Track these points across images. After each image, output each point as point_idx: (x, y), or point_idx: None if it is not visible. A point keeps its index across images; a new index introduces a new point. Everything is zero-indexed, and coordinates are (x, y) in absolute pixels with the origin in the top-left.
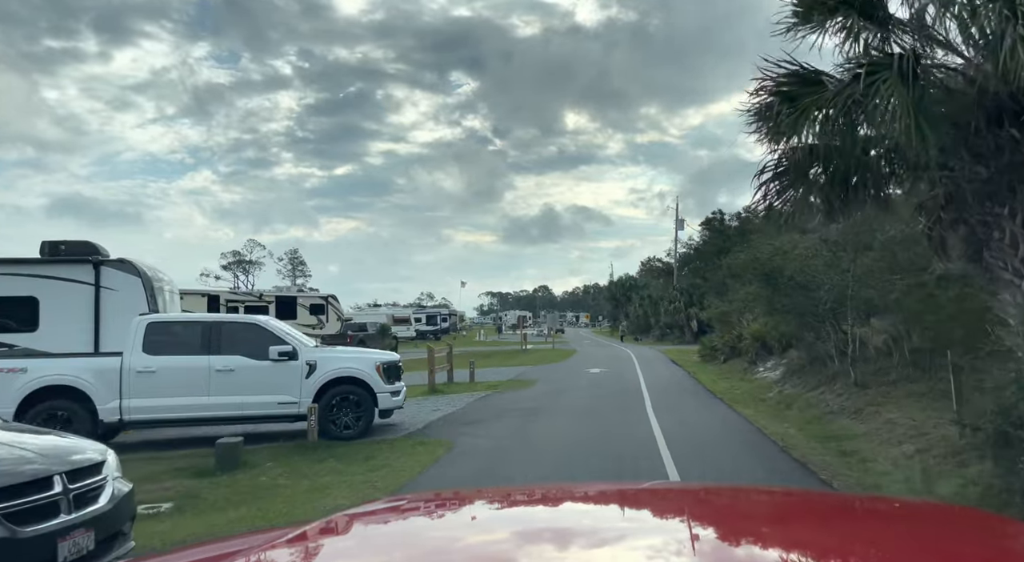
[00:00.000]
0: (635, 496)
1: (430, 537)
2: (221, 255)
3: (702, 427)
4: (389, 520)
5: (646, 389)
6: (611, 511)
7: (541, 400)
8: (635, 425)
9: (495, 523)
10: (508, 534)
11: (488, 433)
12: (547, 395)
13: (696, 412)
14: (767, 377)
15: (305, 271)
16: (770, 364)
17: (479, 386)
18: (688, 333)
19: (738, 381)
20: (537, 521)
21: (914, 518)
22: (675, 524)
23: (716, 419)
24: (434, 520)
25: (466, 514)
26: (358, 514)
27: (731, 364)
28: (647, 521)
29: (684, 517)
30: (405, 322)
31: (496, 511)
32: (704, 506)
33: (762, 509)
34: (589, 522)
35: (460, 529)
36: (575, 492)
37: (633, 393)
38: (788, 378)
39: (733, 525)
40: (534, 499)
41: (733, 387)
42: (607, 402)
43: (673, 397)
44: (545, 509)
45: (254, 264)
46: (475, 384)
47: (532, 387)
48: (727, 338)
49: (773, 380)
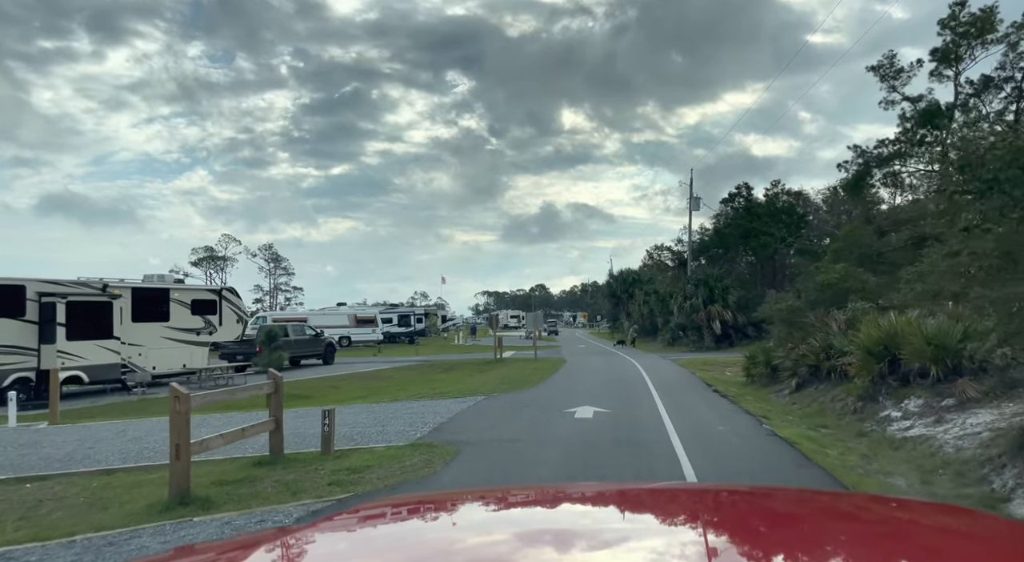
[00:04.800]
0: (638, 496)
1: (429, 538)
2: (192, 250)
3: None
4: (387, 521)
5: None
6: (613, 512)
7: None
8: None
9: (495, 524)
10: (508, 535)
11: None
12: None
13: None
14: (947, 440)
15: (289, 269)
16: (947, 405)
17: (319, 475)
18: (708, 337)
19: (889, 450)
20: (537, 522)
21: (934, 520)
22: (680, 525)
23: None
24: (433, 521)
25: (466, 515)
26: (355, 515)
27: (812, 397)
28: (650, 522)
29: (690, 518)
30: (369, 323)
31: (496, 512)
32: (711, 507)
33: (773, 510)
34: (590, 523)
35: (460, 530)
36: (576, 493)
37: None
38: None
39: (741, 527)
40: (534, 500)
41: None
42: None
43: None
44: (545, 510)
45: (228, 260)
46: (317, 463)
47: (437, 473)
48: (804, 351)
49: (979, 455)
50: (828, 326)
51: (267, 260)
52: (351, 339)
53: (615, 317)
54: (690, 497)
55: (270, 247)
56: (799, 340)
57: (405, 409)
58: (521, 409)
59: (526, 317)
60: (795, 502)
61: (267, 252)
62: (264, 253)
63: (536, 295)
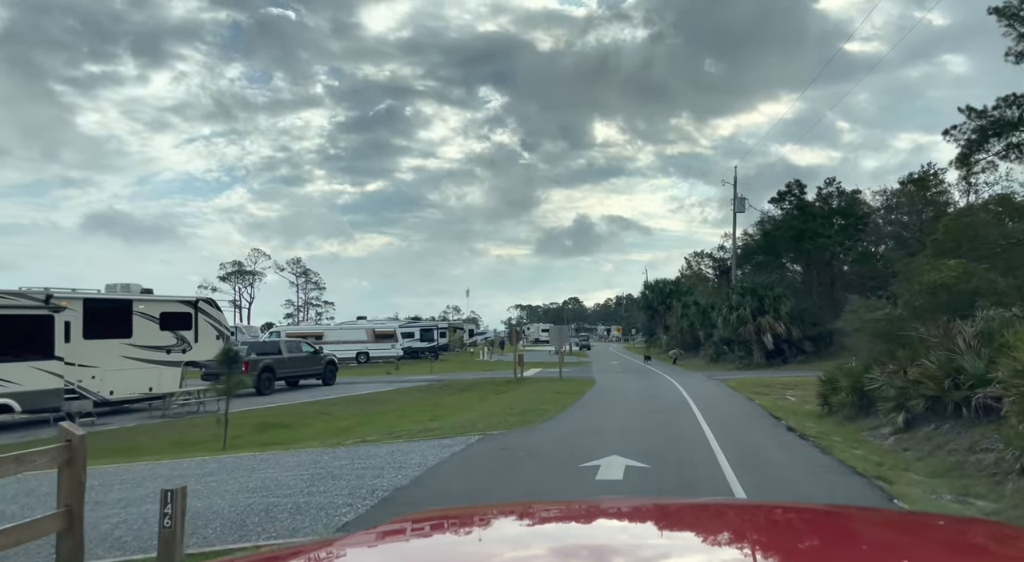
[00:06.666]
0: (678, 512)
1: (463, 552)
2: (220, 265)
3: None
4: (422, 534)
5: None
6: (651, 528)
7: None
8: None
9: (530, 539)
10: (544, 550)
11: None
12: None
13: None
14: None
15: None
16: None
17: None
18: (758, 352)
19: None
20: (573, 537)
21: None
22: (725, 544)
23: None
24: (467, 535)
25: (500, 529)
26: (390, 528)
27: (931, 440)
28: (691, 540)
29: (736, 537)
30: (388, 338)
31: (531, 527)
32: (761, 526)
33: (833, 531)
34: (628, 539)
35: (495, 544)
36: (612, 508)
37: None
38: None
39: (795, 548)
40: (570, 514)
41: None
42: None
43: None
44: (581, 525)
45: (256, 275)
46: None
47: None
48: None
49: None
50: (951, 341)
51: (296, 274)
52: (369, 355)
53: (651, 331)
54: (738, 514)
55: (298, 261)
56: (905, 360)
57: (366, 457)
58: (523, 461)
59: (550, 331)
60: (859, 522)
61: (295, 266)
62: (292, 267)
63: (569, 308)
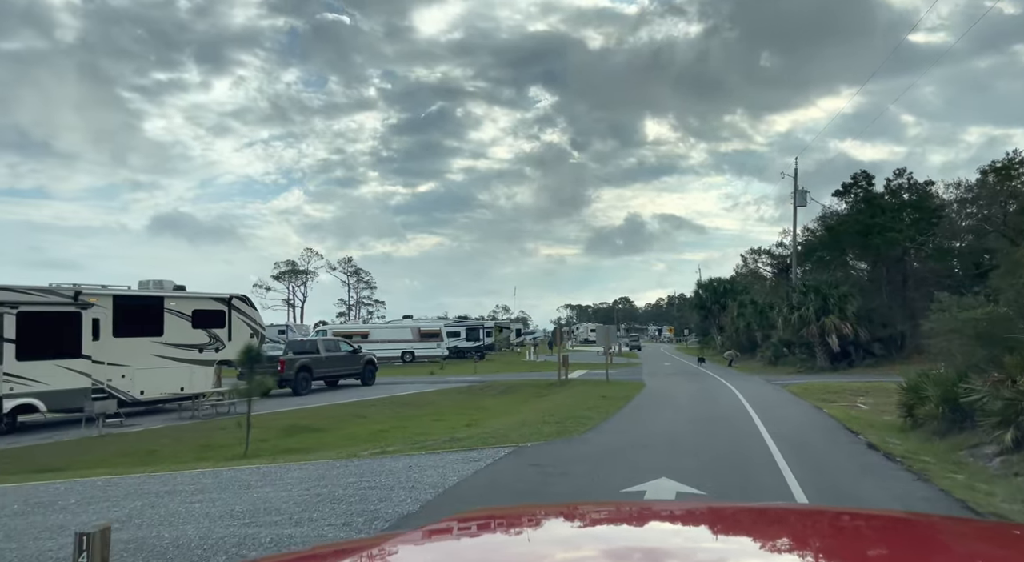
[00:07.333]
0: (735, 516)
1: (515, 552)
2: (274, 265)
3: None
4: (472, 534)
5: None
6: (705, 531)
7: None
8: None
9: (582, 540)
10: (595, 552)
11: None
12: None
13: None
14: None
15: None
16: None
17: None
18: (821, 355)
19: None
20: (624, 539)
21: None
22: (786, 551)
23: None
24: (517, 535)
25: (552, 530)
26: (435, 528)
27: None
28: (748, 545)
29: (798, 543)
30: (434, 337)
31: (583, 528)
32: (826, 533)
33: (896, 539)
34: (681, 542)
35: (546, 545)
36: (665, 510)
37: None
38: None
39: (856, 556)
40: (622, 516)
41: None
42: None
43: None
44: (633, 527)
45: (309, 274)
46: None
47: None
48: None
49: None
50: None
51: (347, 273)
52: (414, 354)
53: (704, 331)
54: (800, 520)
55: (349, 261)
56: (1015, 368)
57: (379, 473)
58: (555, 482)
59: (596, 330)
60: (939, 532)
61: (346, 266)
62: (343, 267)
63: (620, 308)
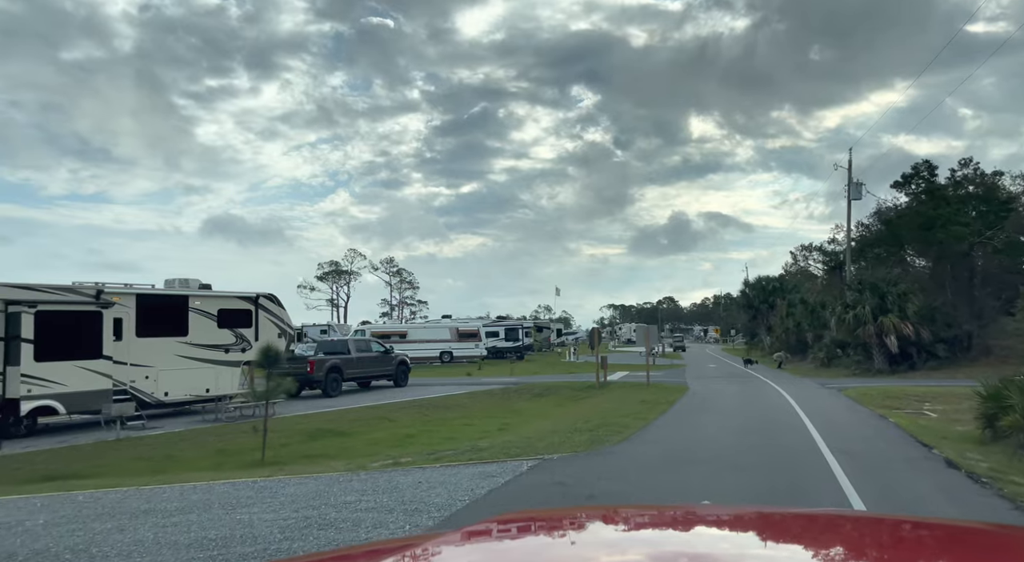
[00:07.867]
0: (783, 522)
1: (559, 555)
2: (318, 265)
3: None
4: (517, 536)
5: None
6: (754, 538)
7: None
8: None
9: (628, 544)
10: (641, 556)
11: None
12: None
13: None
14: None
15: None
16: None
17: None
18: (879, 357)
19: None
20: (671, 544)
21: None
22: (837, 559)
23: None
24: (561, 538)
25: (597, 533)
26: (474, 529)
27: None
28: (799, 553)
29: (852, 553)
30: (472, 337)
31: (629, 532)
32: (883, 542)
33: (959, 550)
34: (729, 547)
35: (591, 548)
36: (712, 515)
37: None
38: None
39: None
40: (668, 520)
41: None
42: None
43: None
44: (679, 532)
45: (352, 274)
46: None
47: None
48: None
49: None
50: None
51: (389, 274)
52: (453, 354)
53: (752, 332)
54: (855, 527)
55: (391, 261)
56: None
57: (383, 491)
58: (581, 504)
59: (636, 331)
60: (1012, 542)
61: (388, 266)
62: (385, 267)
63: (664, 308)
